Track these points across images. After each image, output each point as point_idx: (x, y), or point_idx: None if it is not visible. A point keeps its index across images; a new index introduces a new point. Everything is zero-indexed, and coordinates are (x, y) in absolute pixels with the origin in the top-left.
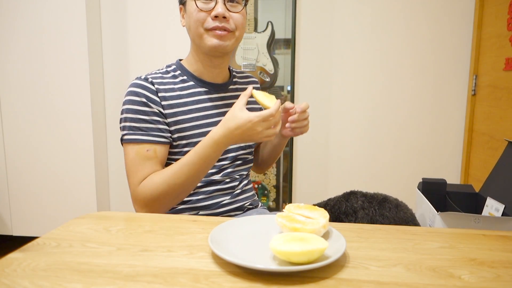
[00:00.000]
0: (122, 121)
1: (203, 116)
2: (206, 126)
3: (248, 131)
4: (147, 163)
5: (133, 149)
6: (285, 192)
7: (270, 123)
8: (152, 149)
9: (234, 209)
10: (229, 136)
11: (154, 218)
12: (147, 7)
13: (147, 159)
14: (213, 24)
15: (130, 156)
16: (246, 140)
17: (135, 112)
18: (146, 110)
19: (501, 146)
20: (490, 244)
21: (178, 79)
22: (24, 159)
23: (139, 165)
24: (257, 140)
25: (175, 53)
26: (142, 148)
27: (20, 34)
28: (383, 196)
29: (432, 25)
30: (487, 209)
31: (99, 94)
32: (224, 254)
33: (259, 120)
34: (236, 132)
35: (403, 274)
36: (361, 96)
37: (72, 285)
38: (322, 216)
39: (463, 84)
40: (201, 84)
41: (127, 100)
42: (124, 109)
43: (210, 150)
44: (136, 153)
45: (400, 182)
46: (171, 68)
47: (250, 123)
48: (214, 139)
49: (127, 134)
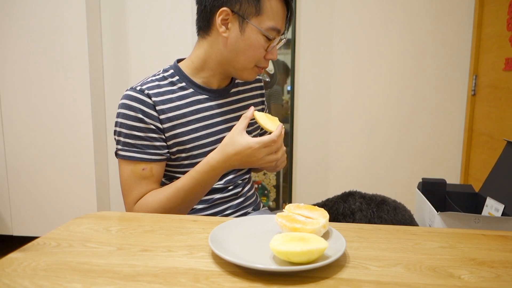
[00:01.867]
0: (117, 134)
1: (203, 127)
2: (206, 137)
3: (247, 158)
4: (142, 183)
5: (128, 167)
6: (285, 192)
7: (271, 149)
8: (148, 167)
9: (237, 216)
10: (227, 162)
11: (154, 218)
12: (147, 7)
13: (143, 178)
14: (264, 64)
15: (125, 174)
16: (245, 165)
17: (130, 128)
18: (141, 127)
19: (500, 146)
20: (490, 244)
21: (176, 87)
22: (24, 159)
23: (134, 184)
24: (256, 166)
25: (175, 53)
26: (138, 166)
27: (20, 34)
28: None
29: (432, 25)
30: (487, 209)
31: (99, 95)
32: (224, 254)
33: (260, 146)
34: (234, 157)
35: (403, 274)
36: (361, 96)
37: (72, 285)
38: (322, 216)
39: (463, 84)
40: (200, 91)
41: (122, 113)
42: (118, 123)
43: (206, 176)
44: (131, 171)
45: (399, 182)
46: (168, 73)
47: (250, 150)
48: (211, 164)
49: (122, 150)
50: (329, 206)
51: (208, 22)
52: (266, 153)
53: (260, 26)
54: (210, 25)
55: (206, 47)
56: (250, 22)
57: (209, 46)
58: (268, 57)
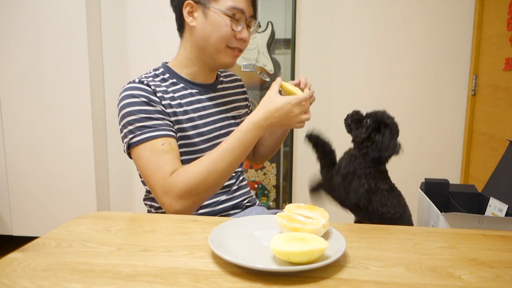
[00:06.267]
0: (126, 126)
1: (199, 117)
2: (203, 126)
3: (286, 114)
4: (166, 156)
5: (146, 148)
6: (285, 192)
7: (304, 108)
8: (166, 142)
9: (232, 206)
10: (269, 118)
11: (154, 218)
12: (147, 7)
13: (165, 152)
14: (236, 45)
15: (145, 156)
16: (283, 124)
17: (138, 112)
18: (148, 109)
19: (501, 146)
20: (490, 244)
21: (168, 82)
22: (24, 159)
23: (159, 160)
24: (292, 125)
25: (175, 53)
26: (156, 144)
27: (20, 34)
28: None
29: (432, 25)
30: (490, 209)
31: (99, 94)
32: (224, 254)
33: (297, 102)
34: (275, 114)
35: (403, 274)
36: (361, 96)
37: (72, 285)
38: (322, 216)
39: (463, 84)
40: (191, 86)
41: (126, 103)
42: (125, 113)
43: (250, 134)
44: (151, 150)
45: (399, 181)
46: (159, 72)
47: (289, 105)
48: (254, 122)
49: (135, 136)
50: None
51: (180, 19)
52: (300, 111)
53: (220, 7)
54: (183, 22)
55: (185, 44)
56: (210, 6)
57: (186, 41)
58: (238, 36)
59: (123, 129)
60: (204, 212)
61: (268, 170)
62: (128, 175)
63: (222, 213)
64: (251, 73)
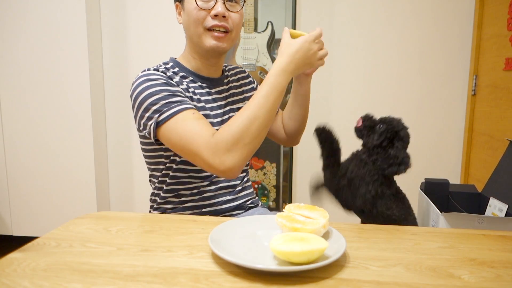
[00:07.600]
0: (149, 108)
1: (210, 108)
2: (213, 117)
3: (307, 52)
4: (202, 121)
5: (177, 121)
6: (285, 192)
7: (320, 44)
8: (195, 111)
9: (236, 207)
10: (293, 61)
11: (154, 218)
12: (147, 7)
13: (199, 118)
14: (212, 22)
15: (180, 127)
16: (306, 63)
17: (160, 91)
18: (170, 88)
19: (501, 146)
20: (490, 244)
21: (179, 75)
22: (24, 159)
23: (197, 126)
24: (313, 63)
25: (175, 52)
26: (187, 114)
27: (20, 34)
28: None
29: (432, 25)
30: (490, 209)
31: (99, 94)
32: (224, 254)
33: (313, 39)
34: (297, 55)
35: (403, 274)
36: (361, 96)
37: (72, 285)
38: (322, 216)
39: (463, 84)
40: (200, 79)
41: (145, 86)
42: (146, 95)
43: (280, 78)
44: (184, 120)
45: (399, 181)
46: (169, 65)
47: (307, 43)
48: (281, 68)
49: (163, 113)
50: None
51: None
52: (318, 47)
53: None
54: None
55: (186, 41)
56: None
57: (186, 38)
58: (212, 13)
59: (144, 113)
60: (208, 212)
61: (268, 170)
62: (128, 175)
63: (225, 213)
64: (251, 73)
